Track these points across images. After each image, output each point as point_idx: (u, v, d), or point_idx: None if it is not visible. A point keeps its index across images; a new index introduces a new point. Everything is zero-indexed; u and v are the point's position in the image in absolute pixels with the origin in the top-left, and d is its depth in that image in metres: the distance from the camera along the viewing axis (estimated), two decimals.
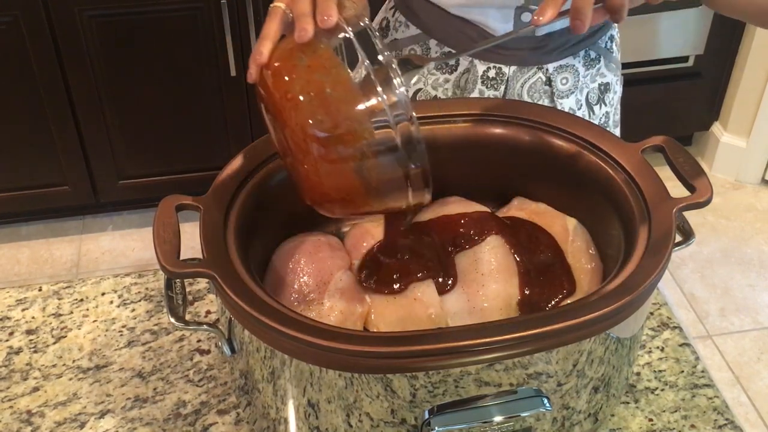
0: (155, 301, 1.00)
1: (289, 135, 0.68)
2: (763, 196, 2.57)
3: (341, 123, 0.67)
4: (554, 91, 1.08)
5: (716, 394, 0.89)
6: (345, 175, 0.69)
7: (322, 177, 0.69)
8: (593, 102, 1.12)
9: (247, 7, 2.00)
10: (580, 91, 1.10)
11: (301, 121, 0.67)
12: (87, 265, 2.31)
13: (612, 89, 1.14)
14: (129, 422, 0.87)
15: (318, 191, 0.71)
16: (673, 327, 0.97)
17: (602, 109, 1.14)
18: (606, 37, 1.11)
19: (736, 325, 2.15)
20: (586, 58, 1.09)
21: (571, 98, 1.09)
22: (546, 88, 1.08)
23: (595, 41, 1.09)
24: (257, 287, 0.70)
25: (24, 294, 1.02)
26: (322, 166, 0.68)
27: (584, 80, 1.10)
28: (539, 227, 0.89)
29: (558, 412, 0.76)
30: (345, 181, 0.69)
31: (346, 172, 0.69)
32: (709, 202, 0.78)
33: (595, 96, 1.12)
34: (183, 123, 2.21)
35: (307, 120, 0.67)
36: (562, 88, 1.08)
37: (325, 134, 0.67)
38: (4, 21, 1.95)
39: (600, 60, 1.11)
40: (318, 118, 0.67)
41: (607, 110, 1.15)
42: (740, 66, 2.47)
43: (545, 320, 0.68)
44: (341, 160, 0.68)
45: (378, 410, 0.71)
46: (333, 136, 0.67)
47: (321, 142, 0.67)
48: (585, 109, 1.11)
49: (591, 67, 1.10)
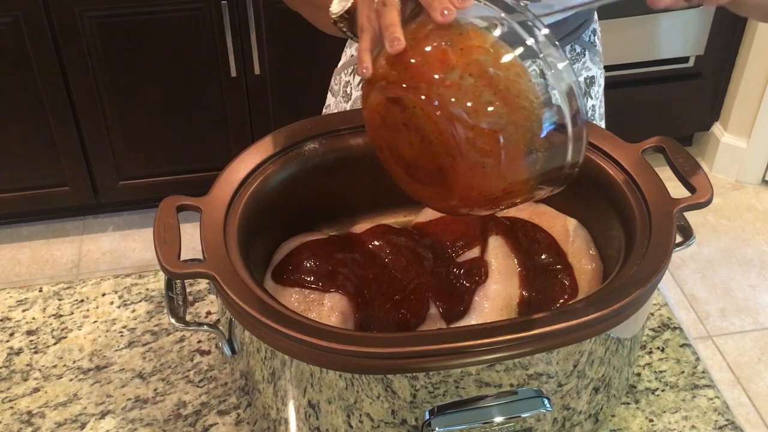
0: (156, 302, 1.00)
1: (452, 129, 0.62)
2: (763, 197, 2.57)
3: (511, 101, 0.62)
4: None
5: (717, 394, 0.89)
6: (516, 161, 0.64)
7: (488, 170, 0.64)
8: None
9: (247, 8, 2.00)
10: None
11: (474, 108, 0.62)
12: (87, 265, 2.31)
13: (597, 82, 1.15)
14: (129, 423, 0.87)
15: (483, 188, 0.66)
16: (674, 327, 0.97)
17: (589, 102, 1.14)
18: (589, 31, 1.12)
19: (737, 326, 2.15)
20: (572, 52, 1.10)
21: None
22: None
23: (579, 35, 1.10)
24: (257, 288, 0.70)
25: (24, 295, 1.02)
26: (490, 156, 0.63)
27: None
28: (540, 228, 0.89)
29: (558, 413, 0.76)
30: (515, 168, 0.65)
31: (517, 158, 0.64)
32: (709, 203, 0.78)
33: (581, 89, 1.12)
34: (183, 123, 2.21)
35: (483, 106, 0.62)
36: None
37: (496, 119, 0.62)
38: (5, 21, 1.95)
39: (585, 54, 1.11)
40: (488, 100, 0.62)
41: (593, 103, 1.15)
42: (740, 66, 2.47)
43: (545, 321, 0.68)
44: (514, 145, 0.63)
45: (378, 411, 0.71)
46: (505, 119, 0.62)
47: (493, 127, 0.62)
48: None
49: (577, 61, 1.11)
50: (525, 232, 0.89)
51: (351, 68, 1.17)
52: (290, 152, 0.86)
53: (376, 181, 0.91)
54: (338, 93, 1.19)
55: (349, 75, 1.17)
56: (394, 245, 0.85)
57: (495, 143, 0.63)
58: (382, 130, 0.70)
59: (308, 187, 0.87)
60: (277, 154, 0.85)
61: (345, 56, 1.19)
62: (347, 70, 1.17)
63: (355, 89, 1.15)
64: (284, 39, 2.10)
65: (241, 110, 2.20)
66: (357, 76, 1.15)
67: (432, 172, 0.68)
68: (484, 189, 0.67)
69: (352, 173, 0.89)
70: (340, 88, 1.19)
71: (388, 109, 0.68)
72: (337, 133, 0.88)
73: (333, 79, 1.21)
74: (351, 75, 1.17)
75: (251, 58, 2.09)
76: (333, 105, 1.21)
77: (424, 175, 0.69)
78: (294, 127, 0.88)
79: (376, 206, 0.94)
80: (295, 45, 2.11)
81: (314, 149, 0.86)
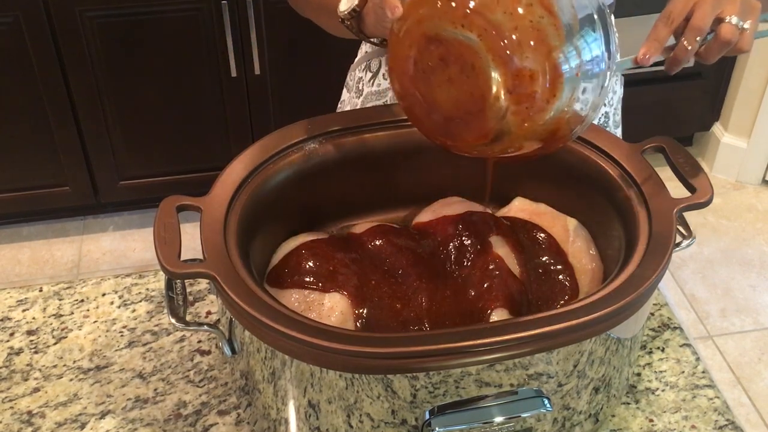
0: (156, 302, 1.00)
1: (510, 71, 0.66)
2: (763, 197, 2.56)
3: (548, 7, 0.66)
4: None
5: (717, 394, 0.89)
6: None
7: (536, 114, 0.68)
8: None
9: (247, 7, 2.00)
10: None
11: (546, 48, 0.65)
12: (88, 265, 2.31)
13: (611, 89, 1.14)
14: (129, 423, 0.87)
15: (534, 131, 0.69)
16: (674, 327, 0.97)
17: (602, 109, 1.14)
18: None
19: (737, 326, 2.15)
20: None
21: None
22: None
23: None
24: (257, 288, 0.70)
25: (25, 294, 1.02)
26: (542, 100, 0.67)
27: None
28: (540, 228, 0.89)
29: (558, 413, 0.76)
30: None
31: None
32: (709, 203, 0.78)
33: None
34: (183, 123, 2.21)
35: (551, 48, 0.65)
36: None
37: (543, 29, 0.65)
38: (5, 21, 1.95)
39: None
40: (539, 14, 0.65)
41: (606, 110, 1.15)
42: (741, 66, 2.47)
43: (545, 321, 0.68)
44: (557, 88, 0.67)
45: (378, 411, 0.71)
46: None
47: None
48: None
49: None
50: (525, 232, 0.89)
51: (364, 64, 1.19)
52: (290, 152, 0.86)
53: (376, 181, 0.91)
54: (352, 89, 1.22)
55: (362, 71, 1.19)
56: (394, 245, 0.85)
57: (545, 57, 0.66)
58: (416, 76, 0.72)
59: (308, 187, 0.87)
60: (277, 154, 0.85)
61: (360, 53, 1.21)
62: (360, 66, 1.20)
63: (367, 85, 1.17)
64: (284, 39, 2.10)
65: (241, 110, 2.20)
66: (369, 72, 1.17)
67: (469, 103, 0.70)
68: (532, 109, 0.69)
69: (352, 173, 0.89)
70: (353, 84, 1.22)
71: (422, 50, 0.70)
72: (337, 133, 0.88)
73: (348, 75, 1.25)
74: (363, 71, 1.19)
75: (251, 58, 2.09)
76: (347, 100, 1.24)
77: (462, 112, 0.71)
78: (294, 127, 0.88)
79: (376, 206, 0.94)
80: (295, 45, 2.11)
81: (314, 149, 0.86)
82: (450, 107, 0.72)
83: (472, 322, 0.80)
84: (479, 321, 0.79)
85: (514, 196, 0.94)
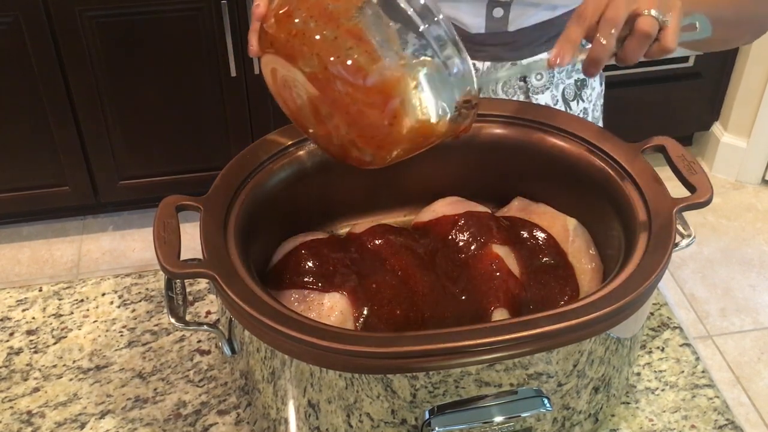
0: (155, 302, 1.00)
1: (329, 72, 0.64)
2: (763, 197, 2.56)
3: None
4: (529, 86, 1.08)
5: (717, 394, 0.89)
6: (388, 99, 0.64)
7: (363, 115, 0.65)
8: (570, 98, 1.12)
9: (247, 8, 2.00)
10: (555, 87, 1.10)
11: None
12: (87, 265, 2.31)
13: (590, 85, 1.14)
14: (129, 423, 0.87)
15: (385, 135, 0.67)
16: (674, 327, 0.97)
17: (580, 105, 1.14)
18: None
19: (737, 326, 2.15)
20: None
21: (546, 94, 1.09)
22: (521, 83, 1.08)
23: None
24: (257, 287, 0.70)
25: (24, 294, 1.02)
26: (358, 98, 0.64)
27: (559, 76, 1.10)
28: (540, 228, 0.89)
29: (558, 413, 0.76)
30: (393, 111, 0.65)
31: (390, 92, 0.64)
32: (709, 202, 0.78)
33: (571, 92, 1.12)
34: (183, 123, 2.21)
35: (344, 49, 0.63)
36: (537, 84, 1.08)
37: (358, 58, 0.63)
38: (5, 21, 1.95)
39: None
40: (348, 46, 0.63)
41: (584, 106, 1.15)
42: (740, 66, 2.47)
43: (545, 320, 0.68)
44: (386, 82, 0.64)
45: (378, 410, 0.71)
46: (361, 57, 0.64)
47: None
48: (561, 105, 1.12)
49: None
50: (525, 232, 0.89)
51: None
52: (290, 152, 0.86)
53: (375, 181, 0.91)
54: None
55: None
56: (393, 245, 0.85)
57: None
58: (279, 83, 0.72)
59: (308, 187, 0.87)
60: (276, 154, 0.85)
61: None
62: None
63: None
64: None
65: (241, 110, 2.20)
66: None
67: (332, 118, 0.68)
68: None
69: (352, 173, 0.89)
70: None
71: (273, 71, 0.71)
72: None
73: None
74: None
75: (251, 58, 2.09)
76: None
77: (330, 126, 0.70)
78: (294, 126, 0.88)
79: (376, 206, 0.94)
80: None
81: (314, 149, 0.86)
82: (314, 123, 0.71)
83: (471, 321, 0.80)
84: (479, 321, 0.79)
85: (514, 195, 0.94)
